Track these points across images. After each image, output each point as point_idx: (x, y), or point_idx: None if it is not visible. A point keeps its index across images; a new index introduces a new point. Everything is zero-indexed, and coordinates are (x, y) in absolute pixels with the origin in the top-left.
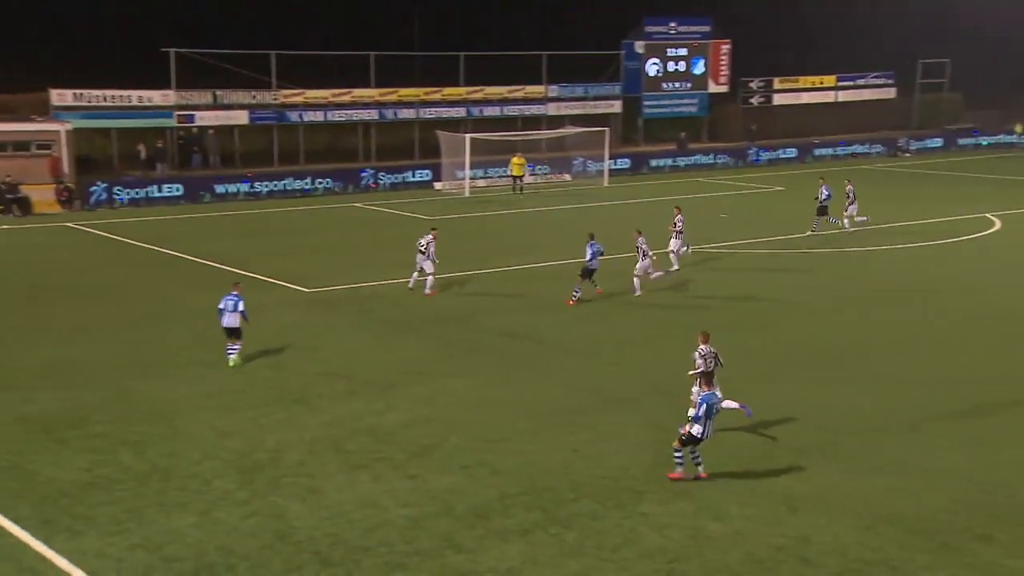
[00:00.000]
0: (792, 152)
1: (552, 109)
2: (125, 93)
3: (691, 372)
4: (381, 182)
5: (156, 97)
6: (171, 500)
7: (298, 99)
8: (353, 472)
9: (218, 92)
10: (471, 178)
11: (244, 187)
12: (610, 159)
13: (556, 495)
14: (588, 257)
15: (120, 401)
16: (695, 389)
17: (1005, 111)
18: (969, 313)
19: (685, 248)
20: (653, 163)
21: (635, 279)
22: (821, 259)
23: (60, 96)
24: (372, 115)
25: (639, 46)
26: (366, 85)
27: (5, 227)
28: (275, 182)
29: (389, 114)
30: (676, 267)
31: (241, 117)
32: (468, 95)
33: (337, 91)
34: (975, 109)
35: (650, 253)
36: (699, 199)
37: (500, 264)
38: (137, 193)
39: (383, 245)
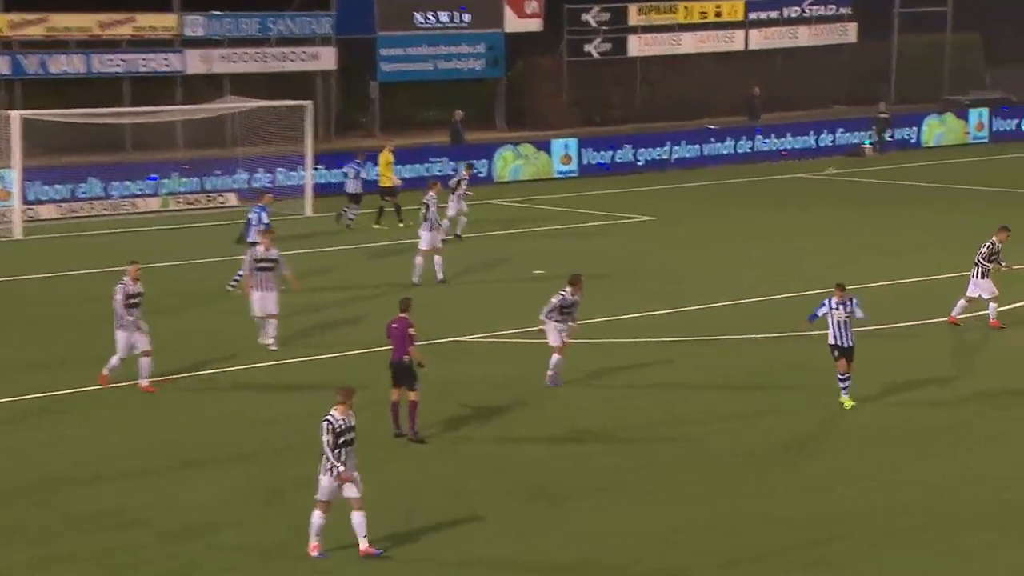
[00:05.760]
0: (660, 150)
1: (195, 63)
2: None
3: None
4: None
5: None
6: None
7: None
8: None
9: None
10: (30, 202)
11: None
12: (315, 165)
13: None
14: None
15: None
16: None
17: None
18: None
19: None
20: (400, 171)
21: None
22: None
23: None
24: None
25: None
26: None
27: None
28: None
29: None
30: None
31: None
32: (12, 31)
33: None
34: (1005, 64)
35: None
36: (489, 239)
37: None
38: None
39: None
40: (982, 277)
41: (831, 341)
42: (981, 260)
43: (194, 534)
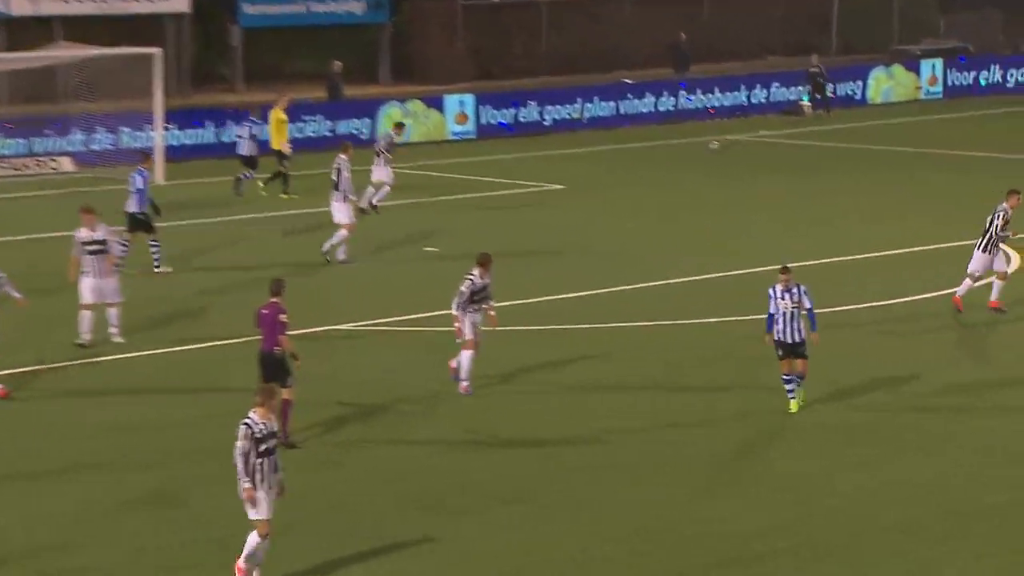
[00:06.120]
0: (570, 108)
1: (20, 3)
2: None
3: None
4: None
5: None
6: None
7: None
8: None
9: None
10: None
11: None
12: (166, 124)
13: None
14: None
15: None
16: None
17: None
18: None
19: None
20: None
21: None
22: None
23: None
24: None
25: None
26: None
27: None
28: None
29: None
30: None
31: None
32: None
33: None
34: (960, 9)
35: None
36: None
37: None
38: None
39: None
40: (984, 251)
41: (776, 336)
42: (996, 232)
43: (25, 558)
